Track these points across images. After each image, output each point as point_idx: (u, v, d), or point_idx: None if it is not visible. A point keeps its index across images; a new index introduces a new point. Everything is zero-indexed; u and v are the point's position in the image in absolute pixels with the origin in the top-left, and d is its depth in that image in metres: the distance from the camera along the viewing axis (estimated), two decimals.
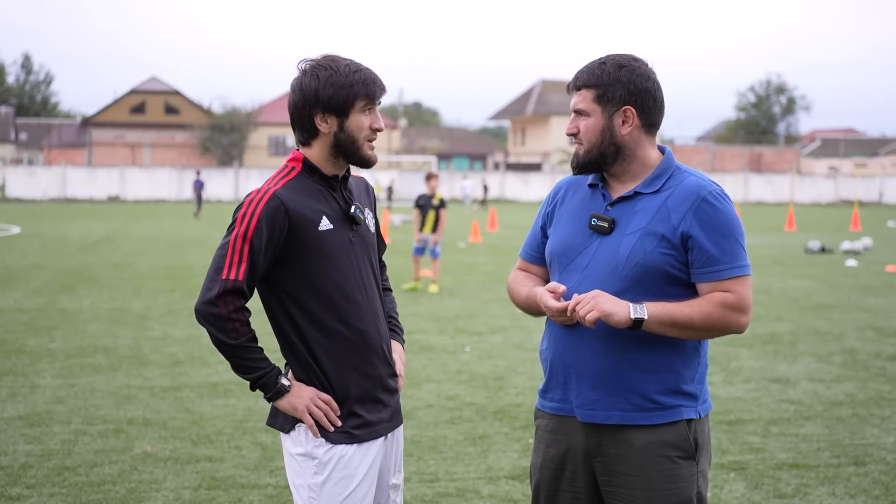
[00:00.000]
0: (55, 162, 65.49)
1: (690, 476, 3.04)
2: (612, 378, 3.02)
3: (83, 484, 5.75)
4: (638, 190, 3.06)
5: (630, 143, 3.06)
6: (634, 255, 2.98)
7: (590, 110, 3.06)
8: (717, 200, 3.00)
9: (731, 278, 2.98)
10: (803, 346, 10.46)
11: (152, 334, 10.92)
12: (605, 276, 3.02)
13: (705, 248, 2.97)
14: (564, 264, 3.12)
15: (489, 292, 15.11)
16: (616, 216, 3.05)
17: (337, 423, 3.09)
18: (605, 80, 3.03)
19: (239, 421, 7.17)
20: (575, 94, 3.10)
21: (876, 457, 6.41)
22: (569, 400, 3.11)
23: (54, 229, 29.59)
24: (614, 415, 3.03)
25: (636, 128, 3.06)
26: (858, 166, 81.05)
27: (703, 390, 3.11)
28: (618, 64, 3.05)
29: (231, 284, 3.00)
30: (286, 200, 3.03)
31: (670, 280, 2.99)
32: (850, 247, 23.49)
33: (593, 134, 3.05)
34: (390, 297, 3.43)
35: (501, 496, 5.64)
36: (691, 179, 3.05)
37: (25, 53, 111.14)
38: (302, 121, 3.10)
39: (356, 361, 3.12)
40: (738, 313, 2.99)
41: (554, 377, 3.15)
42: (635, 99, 3.03)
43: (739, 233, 3.03)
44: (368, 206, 3.29)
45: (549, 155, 76.70)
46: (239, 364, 3.06)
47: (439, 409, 7.63)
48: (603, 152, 3.06)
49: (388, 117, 78.59)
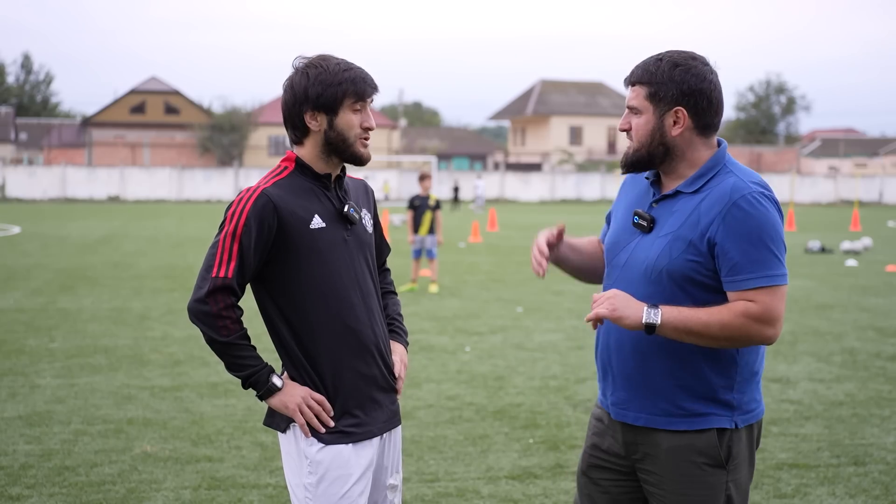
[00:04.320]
0: (55, 162, 65.46)
1: (718, 484, 2.97)
2: (642, 381, 3.00)
3: (83, 484, 5.75)
4: (679, 189, 2.99)
5: (680, 145, 2.98)
6: (661, 261, 2.93)
7: (642, 108, 2.98)
8: (751, 205, 2.86)
9: (756, 288, 2.85)
10: (803, 346, 10.46)
11: (152, 334, 10.92)
12: (636, 277, 2.99)
13: (730, 255, 2.85)
14: (610, 259, 3.11)
15: (489, 292, 15.11)
16: (657, 215, 3.00)
17: (329, 424, 3.09)
18: (658, 78, 2.94)
19: (239, 421, 7.17)
20: (630, 89, 3.02)
21: (876, 457, 6.41)
22: (606, 396, 3.13)
23: (54, 229, 29.58)
24: (642, 417, 3.02)
25: (688, 129, 2.97)
26: (858, 166, 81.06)
27: (746, 400, 3.00)
28: (673, 62, 2.95)
29: (221, 282, 3.01)
30: (275, 198, 3.05)
31: (699, 286, 2.92)
32: (850, 247, 23.49)
33: (643, 133, 2.98)
34: (394, 300, 3.43)
35: (501, 496, 5.64)
36: (729, 181, 2.92)
37: (25, 53, 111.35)
38: (293, 119, 3.12)
39: (350, 361, 3.12)
40: (761, 324, 2.85)
41: (599, 371, 3.17)
42: (688, 100, 2.93)
43: (773, 239, 2.86)
44: (367, 207, 3.29)
45: (549, 155, 76.73)
46: (230, 362, 3.07)
47: (439, 409, 7.63)
48: (652, 152, 2.99)
49: (387, 117, 78.63)
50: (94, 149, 68.76)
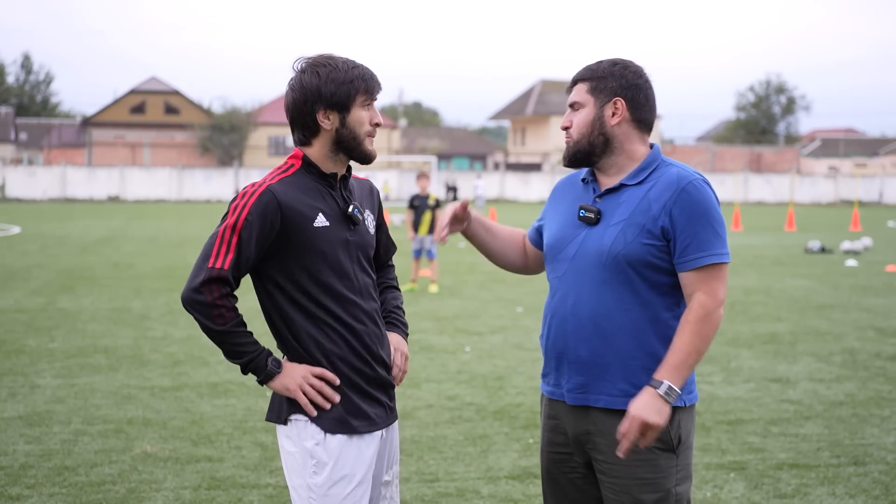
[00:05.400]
0: (55, 162, 65.45)
1: (669, 468, 3.10)
2: (600, 364, 3.10)
3: (83, 484, 5.75)
4: (623, 182, 3.15)
5: (619, 136, 3.16)
6: (616, 246, 3.07)
7: (583, 101, 3.18)
8: (697, 190, 3.06)
9: (701, 267, 3.03)
10: (803, 346, 10.46)
11: (152, 334, 10.92)
12: (590, 265, 3.12)
13: (682, 237, 3.04)
14: (554, 255, 3.23)
15: (489, 292, 15.12)
16: (602, 208, 3.16)
17: (335, 399, 3.09)
18: (598, 73, 3.18)
19: (239, 421, 7.17)
20: (572, 90, 3.24)
21: (876, 457, 6.41)
22: (560, 385, 3.20)
23: (54, 229, 29.59)
24: (602, 398, 3.12)
25: (625, 121, 3.16)
26: (858, 166, 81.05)
27: (689, 379, 3.15)
28: (612, 61, 3.21)
29: (216, 273, 3.02)
30: (279, 195, 3.06)
31: (653, 269, 3.08)
32: (850, 247, 23.49)
33: (584, 125, 3.17)
34: (395, 294, 3.44)
35: (501, 496, 5.64)
36: (673, 170, 3.12)
37: (25, 53, 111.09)
38: (303, 118, 3.12)
39: (351, 359, 3.13)
40: (713, 314, 3.04)
41: (548, 362, 3.26)
42: (626, 92, 3.15)
43: (718, 222, 3.07)
44: (370, 208, 3.30)
45: (549, 155, 76.68)
46: (229, 349, 3.08)
47: (439, 409, 7.63)
48: (592, 142, 3.17)
49: (388, 117, 78.58)
50: (94, 149, 68.77)
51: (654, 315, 3.09)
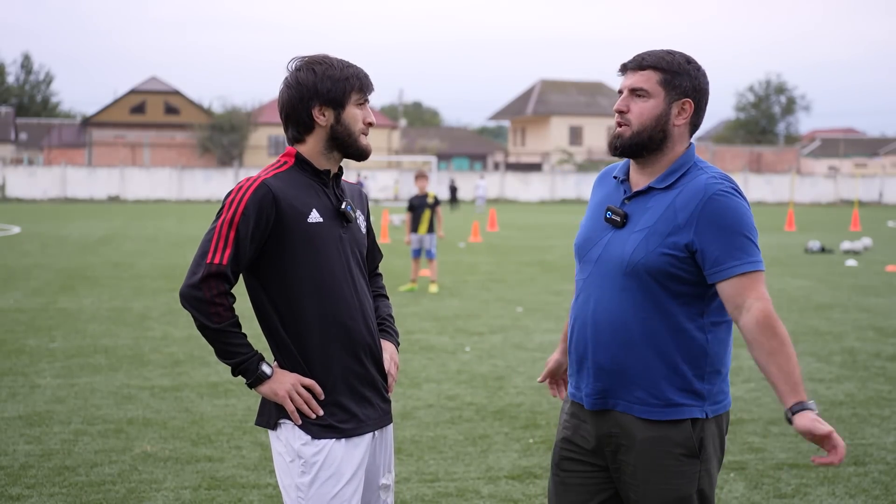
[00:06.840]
0: (55, 162, 65.48)
1: (692, 474, 3.05)
2: (619, 372, 3.06)
3: (83, 484, 5.75)
4: (652, 185, 3.06)
5: (675, 136, 3.07)
6: (637, 255, 3.00)
7: (653, 91, 3.04)
8: (725, 198, 2.96)
9: (741, 274, 2.93)
10: (803, 346, 10.45)
11: (152, 334, 10.92)
12: (611, 270, 3.06)
13: (711, 248, 2.94)
14: (582, 255, 3.18)
15: (489, 292, 15.12)
16: (630, 211, 3.08)
17: (319, 412, 3.09)
18: (674, 67, 3.04)
19: (239, 421, 7.17)
20: (636, 73, 3.07)
21: (876, 457, 6.41)
22: (580, 388, 3.17)
23: (54, 229, 29.59)
24: (620, 403, 3.07)
25: (686, 123, 3.08)
26: (858, 166, 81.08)
27: (715, 391, 3.08)
28: (686, 58, 3.08)
29: (215, 269, 3.02)
30: (275, 189, 3.07)
31: (674, 279, 3.00)
32: (850, 247, 23.50)
33: (649, 117, 3.04)
34: (385, 303, 3.44)
35: (501, 496, 5.64)
36: (702, 178, 3.01)
37: (25, 53, 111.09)
38: (298, 115, 3.15)
39: (341, 356, 3.13)
40: (771, 318, 2.94)
41: (571, 364, 3.22)
42: (696, 95, 3.06)
43: (749, 229, 2.97)
44: (360, 209, 3.32)
45: (549, 155, 76.71)
46: (221, 349, 3.08)
47: (439, 409, 7.63)
48: (652, 137, 3.04)
49: (388, 117, 78.61)
50: (94, 149, 68.78)
51: (676, 325, 3.02)
